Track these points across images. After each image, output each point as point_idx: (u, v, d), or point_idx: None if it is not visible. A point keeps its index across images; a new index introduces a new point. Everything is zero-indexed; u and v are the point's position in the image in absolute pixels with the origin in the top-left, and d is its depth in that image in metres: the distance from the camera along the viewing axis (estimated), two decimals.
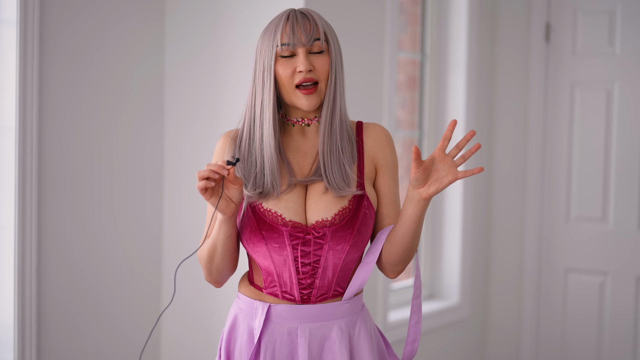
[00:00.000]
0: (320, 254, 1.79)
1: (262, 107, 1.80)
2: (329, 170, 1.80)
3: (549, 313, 3.98)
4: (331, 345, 1.81)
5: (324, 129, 1.81)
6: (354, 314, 1.86)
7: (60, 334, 2.74)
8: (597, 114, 3.83)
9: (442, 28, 3.89)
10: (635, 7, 3.73)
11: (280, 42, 1.77)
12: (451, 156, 1.71)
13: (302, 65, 1.76)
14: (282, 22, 1.78)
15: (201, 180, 1.67)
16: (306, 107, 1.79)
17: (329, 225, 1.78)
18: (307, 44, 1.77)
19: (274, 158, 1.79)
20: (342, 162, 1.81)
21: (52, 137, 2.68)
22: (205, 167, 1.67)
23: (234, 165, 1.69)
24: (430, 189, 1.71)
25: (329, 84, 1.80)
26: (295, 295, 1.81)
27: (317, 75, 1.78)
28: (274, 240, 1.78)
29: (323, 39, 1.78)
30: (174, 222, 3.12)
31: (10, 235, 2.57)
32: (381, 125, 1.93)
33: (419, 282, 1.90)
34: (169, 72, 3.11)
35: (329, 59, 1.79)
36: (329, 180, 1.79)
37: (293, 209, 1.79)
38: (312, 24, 1.78)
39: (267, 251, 1.79)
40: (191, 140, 3.09)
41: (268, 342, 1.81)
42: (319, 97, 1.80)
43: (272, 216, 1.78)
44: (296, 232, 1.78)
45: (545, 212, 3.97)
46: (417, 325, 1.89)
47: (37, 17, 2.57)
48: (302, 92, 1.78)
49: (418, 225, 1.78)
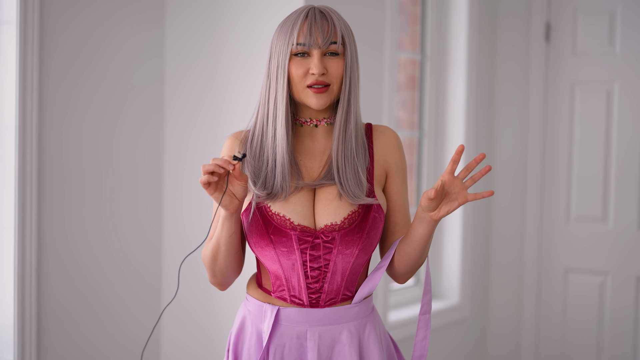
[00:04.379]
0: (329, 258, 1.77)
1: (275, 104, 1.78)
2: (343, 176, 1.77)
3: (549, 313, 3.98)
4: (341, 349, 1.80)
5: (339, 134, 1.78)
6: (363, 317, 1.84)
7: (60, 334, 2.74)
8: (597, 114, 3.83)
9: (442, 28, 3.89)
10: (635, 7, 3.72)
11: (296, 40, 1.74)
12: (460, 178, 1.69)
13: (315, 68, 1.73)
14: (300, 19, 1.75)
15: (205, 174, 1.64)
16: (315, 106, 1.76)
17: (338, 230, 1.76)
18: (322, 46, 1.74)
19: (286, 159, 1.76)
20: (356, 169, 1.79)
21: (52, 137, 2.68)
22: (211, 161, 1.65)
23: (240, 160, 1.67)
24: (441, 212, 1.70)
25: (343, 88, 1.78)
26: (304, 300, 1.79)
27: (329, 79, 1.76)
28: (282, 244, 1.76)
29: (340, 42, 1.75)
30: (174, 222, 3.12)
31: (10, 235, 2.57)
32: (391, 129, 1.90)
33: (428, 296, 1.86)
34: (169, 72, 3.11)
35: (344, 63, 1.76)
36: (343, 186, 1.77)
37: (302, 213, 1.77)
38: (330, 26, 1.75)
39: (275, 255, 1.77)
40: (191, 140, 3.09)
41: (277, 346, 1.79)
42: (330, 97, 1.77)
43: (281, 220, 1.76)
44: (305, 236, 1.76)
45: (545, 212, 3.97)
46: (424, 341, 1.86)
47: (37, 17, 2.57)
48: (312, 91, 1.75)
49: (427, 243, 1.77)
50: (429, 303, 1.85)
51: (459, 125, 3.84)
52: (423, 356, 1.86)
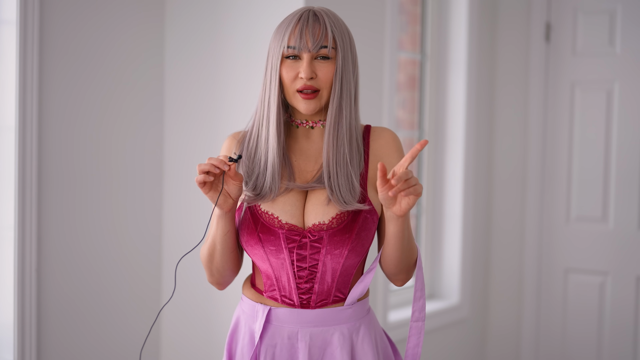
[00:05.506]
0: (317, 258, 1.76)
1: (269, 107, 1.78)
2: (334, 182, 1.75)
3: (549, 313, 3.98)
4: (332, 351, 1.79)
5: (328, 139, 1.76)
6: (357, 319, 1.82)
7: (60, 334, 2.74)
8: (597, 113, 3.83)
9: (442, 28, 3.89)
10: (635, 7, 3.72)
11: (287, 43, 1.73)
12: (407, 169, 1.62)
13: (303, 72, 1.72)
14: (292, 22, 1.74)
15: (201, 173, 1.65)
16: (304, 111, 1.75)
17: (326, 229, 1.75)
18: (312, 50, 1.72)
19: (276, 161, 1.76)
20: (349, 175, 1.76)
21: (52, 137, 2.68)
22: (207, 161, 1.66)
23: (236, 161, 1.68)
24: (403, 206, 1.64)
25: (333, 92, 1.75)
26: (295, 300, 1.78)
27: (318, 84, 1.74)
28: (271, 242, 1.76)
29: (331, 45, 1.73)
30: (173, 222, 3.12)
31: (10, 235, 2.57)
32: (389, 130, 1.87)
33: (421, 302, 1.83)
34: (169, 72, 3.11)
35: (334, 67, 1.74)
36: (333, 192, 1.74)
37: (290, 212, 1.76)
38: (321, 29, 1.73)
39: (264, 254, 1.77)
40: (191, 140, 3.09)
41: (268, 346, 1.79)
42: (319, 103, 1.76)
43: (269, 218, 1.76)
44: (292, 234, 1.75)
45: (546, 212, 3.97)
46: (416, 349, 1.83)
47: (37, 17, 2.57)
48: (301, 96, 1.74)
49: (402, 241, 1.74)
50: (422, 310, 1.82)
51: (459, 125, 3.84)
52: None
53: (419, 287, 1.82)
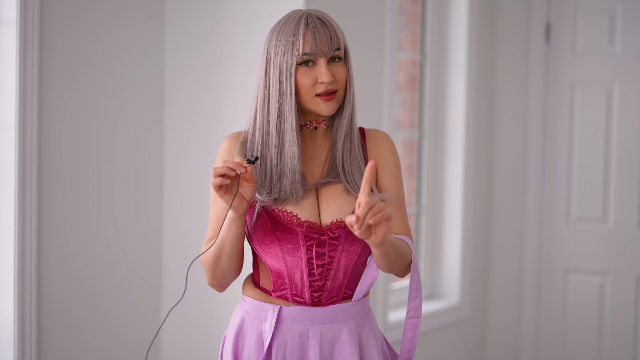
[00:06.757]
0: (333, 256, 1.79)
1: (281, 115, 1.77)
2: (349, 175, 1.81)
3: (549, 313, 3.98)
4: (342, 347, 1.81)
5: (344, 137, 1.82)
6: (362, 315, 1.86)
7: (60, 334, 2.74)
8: (597, 113, 3.83)
9: (442, 28, 3.89)
10: (635, 7, 3.72)
11: (302, 50, 1.74)
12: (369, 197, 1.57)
13: (325, 77, 1.75)
14: (301, 28, 1.75)
15: (217, 177, 1.65)
16: (326, 113, 1.78)
17: (344, 226, 1.77)
18: (328, 54, 1.76)
19: (297, 168, 1.77)
20: (360, 167, 1.83)
21: (52, 137, 2.68)
22: (222, 164, 1.65)
23: (253, 163, 1.69)
24: (378, 235, 1.56)
25: (349, 90, 1.81)
26: (306, 298, 1.80)
27: (336, 85, 1.78)
28: (288, 241, 1.77)
29: (342, 47, 1.79)
30: (174, 222, 3.12)
31: (10, 235, 2.57)
32: (382, 131, 1.94)
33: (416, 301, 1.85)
34: (169, 72, 3.11)
35: (346, 68, 1.80)
36: (350, 183, 1.80)
37: (308, 210, 1.78)
38: (332, 33, 1.77)
39: (280, 252, 1.78)
40: (191, 141, 3.09)
41: (279, 345, 1.81)
42: (338, 102, 1.79)
43: (288, 216, 1.77)
44: (311, 232, 1.77)
45: (546, 212, 3.97)
46: (411, 340, 1.86)
47: (37, 17, 2.57)
48: (322, 99, 1.77)
49: (389, 257, 1.71)
50: (417, 308, 1.84)
51: (459, 126, 3.84)
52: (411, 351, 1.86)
53: (414, 287, 1.84)
